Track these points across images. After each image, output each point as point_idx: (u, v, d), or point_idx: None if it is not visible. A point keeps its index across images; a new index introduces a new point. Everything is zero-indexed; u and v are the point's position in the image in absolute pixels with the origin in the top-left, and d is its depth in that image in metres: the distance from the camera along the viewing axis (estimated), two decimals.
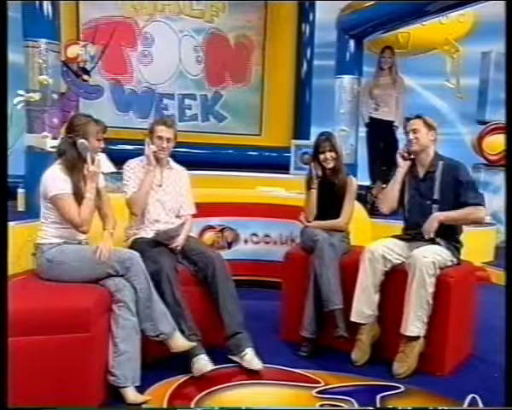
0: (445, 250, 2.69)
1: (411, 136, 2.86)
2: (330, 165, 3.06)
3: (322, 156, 3.06)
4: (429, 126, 2.87)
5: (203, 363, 2.47)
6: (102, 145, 2.51)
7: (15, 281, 2.39)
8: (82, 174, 2.41)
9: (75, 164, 2.40)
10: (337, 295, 2.76)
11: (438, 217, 2.71)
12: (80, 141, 2.39)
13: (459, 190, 2.72)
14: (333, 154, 3.05)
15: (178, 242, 2.77)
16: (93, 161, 2.40)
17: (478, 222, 2.85)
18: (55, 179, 2.36)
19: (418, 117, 2.89)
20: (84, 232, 2.43)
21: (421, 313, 2.57)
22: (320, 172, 3.08)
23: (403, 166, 2.90)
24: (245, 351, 2.61)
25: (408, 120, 2.96)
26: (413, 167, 2.90)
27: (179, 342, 2.43)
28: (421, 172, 2.87)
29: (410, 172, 2.90)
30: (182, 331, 2.49)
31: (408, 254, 2.74)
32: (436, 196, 2.78)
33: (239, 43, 6.64)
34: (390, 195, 2.93)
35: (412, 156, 2.88)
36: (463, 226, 2.87)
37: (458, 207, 2.71)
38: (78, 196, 2.38)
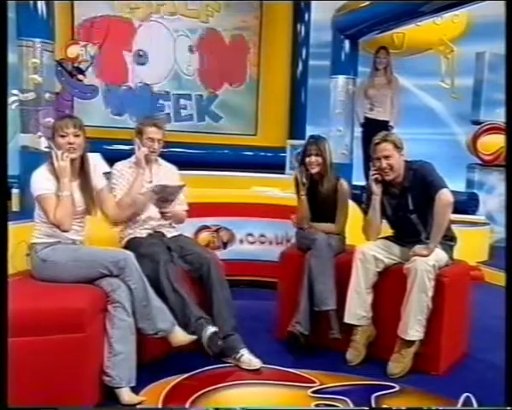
0: (441, 252, 2.68)
1: (384, 164, 2.69)
2: (315, 170, 2.96)
3: (307, 160, 2.98)
4: (399, 148, 2.72)
5: (207, 329, 2.48)
6: (72, 141, 2.36)
7: (10, 282, 2.38)
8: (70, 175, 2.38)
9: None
10: (331, 296, 2.76)
11: (422, 252, 2.59)
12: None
13: (428, 190, 2.65)
14: (319, 159, 2.95)
15: (170, 209, 2.77)
16: (62, 158, 2.32)
17: (449, 206, 2.60)
18: (40, 179, 2.36)
19: (386, 140, 2.72)
20: (64, 231, 2.37)
21: (421, 318, 2.57)
22: (305, 180, 2.98)
23: (378, 192, 2.78)
24: (240, 352, 2.62)
25: (377, 144, 2.74)
26: (388, 187, 2.80)
27: (180, 337, 2.43)
28: (397, 190, 2.78)
29: (386, 192, 2.81)
30: (189, 320, 2.50)
31: (403, 256, 2.75)
32: (412, 207, 2.73)
33: (234, 43, 6.64)
34: (373, 225, 2.82)
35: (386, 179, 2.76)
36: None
37: (431, 204, 2.64)
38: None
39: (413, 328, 2.57)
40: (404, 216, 2.77)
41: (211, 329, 2.50)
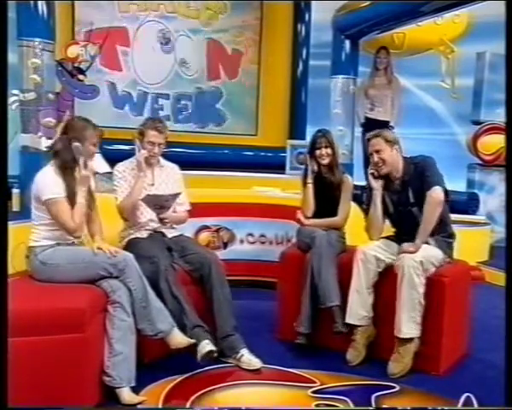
0: (434, 249, 2.68)
1: (376, 158, 2.76)
2: (326, 161, 3.07)
3: (317, 152, 3.07)
4: (391, 142, 2.75)
5: (203, 344, 2.48)
6: (96, 150, 2.50)
7: (10, 282, 2.38)
8: (75, 176, 2.40)
9: (68, 165, 2.39)
10: (335, 292, 2.76)
11: (408, 249, 2.60)
12: (75, 145, 2.38)
13: (426, 185, 2.67)
14: (328, 150, 3.06)
15: (168, 215, 2.80)
16: (86, 166, 2.38)
17: (439, 204, 2.62)
18: (49, 183, 2.34)
19: (377, 136, 2.78)
20: (77, 237, 2.41)
21: (414, 315, 2.57)
22: (316, 168, 3.09)
23: (377, 187, 2.80)
24: (240, 352, 2.62)
25: (368, 140, 2.83)
26: (389, 183, 2.81)
27: (178, 339, 2.43)
28: (397, 185, 2.79)
29: (387, 188, 2.82)
30: (184, 326, 2.50)
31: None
32: (412, 200, 2.74)
33: (235, 43, 6.64)
34: (375, 223, 2.82)
35: (381, 173, 2.79)
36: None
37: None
38: (72, 199, 2.36)
39: (406, 325, 2.56)
40: (406, 210, 2.78)
41: (207, 347, 2.49)
